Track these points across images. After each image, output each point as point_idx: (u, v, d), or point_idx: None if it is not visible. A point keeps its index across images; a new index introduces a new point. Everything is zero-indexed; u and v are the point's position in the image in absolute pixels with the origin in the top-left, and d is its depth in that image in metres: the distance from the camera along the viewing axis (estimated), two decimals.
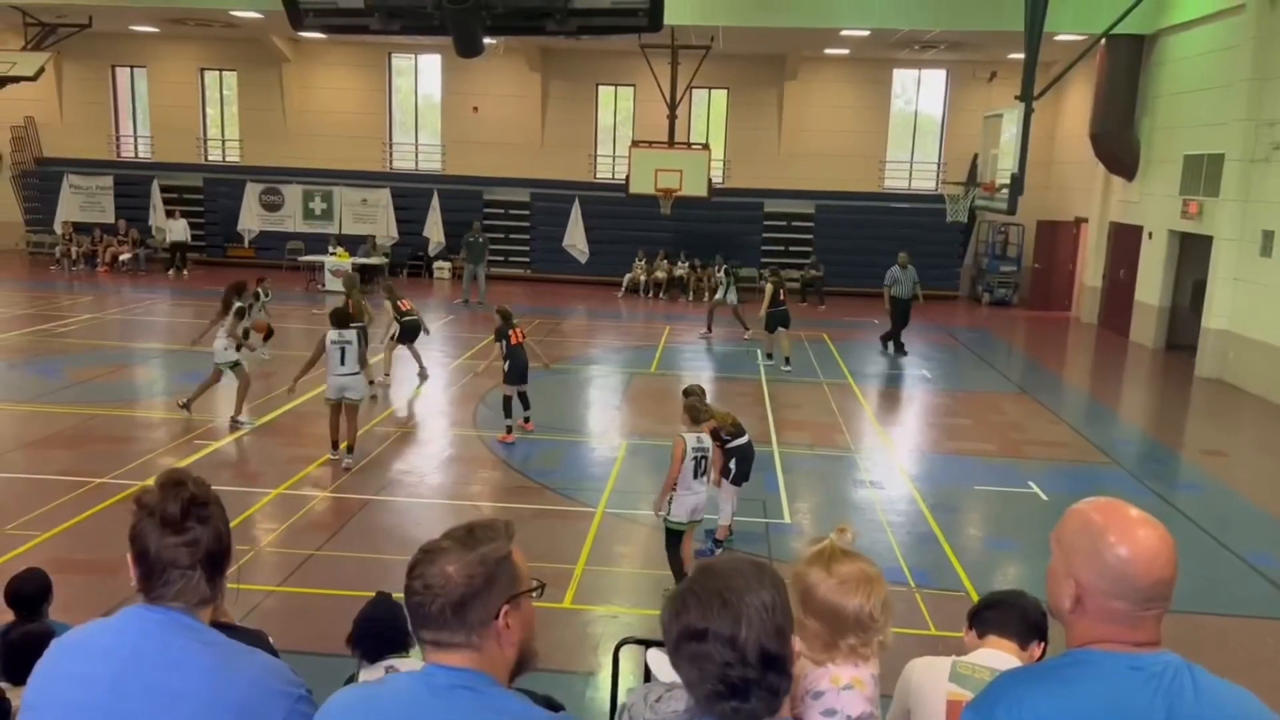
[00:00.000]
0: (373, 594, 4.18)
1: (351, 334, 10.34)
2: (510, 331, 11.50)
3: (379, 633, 3.84)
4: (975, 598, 6.19)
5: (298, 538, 8.48)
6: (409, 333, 14.21)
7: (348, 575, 7.77)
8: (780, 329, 16.15)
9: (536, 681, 3.93)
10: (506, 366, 11.50)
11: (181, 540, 1.99)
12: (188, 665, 1.91)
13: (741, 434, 8.61)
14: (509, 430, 11.42)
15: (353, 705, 1.89)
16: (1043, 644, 2.78)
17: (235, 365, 12.01)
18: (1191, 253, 18.22)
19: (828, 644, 2.16)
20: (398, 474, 10.36)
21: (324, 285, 23.14)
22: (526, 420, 11.86)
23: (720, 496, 8.59)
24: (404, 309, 14.23)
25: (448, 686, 1.80)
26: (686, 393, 8.50)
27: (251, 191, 26.05)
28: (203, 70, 27.17)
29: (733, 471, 8.50)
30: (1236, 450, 12.77)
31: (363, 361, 10.60)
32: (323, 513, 9.13)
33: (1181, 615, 1.82)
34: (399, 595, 1.96)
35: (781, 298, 16.24)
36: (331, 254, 23.59)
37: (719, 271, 21.66)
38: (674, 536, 7.55)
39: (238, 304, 12.19)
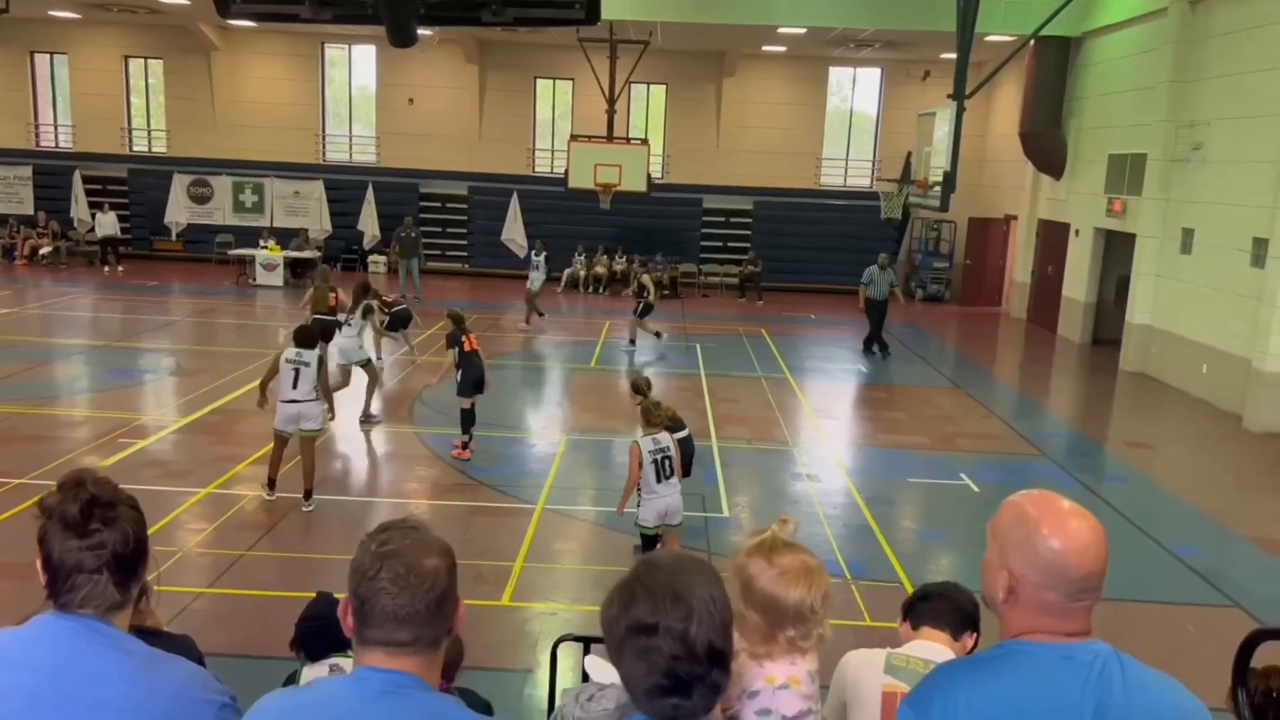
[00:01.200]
0: (309, 594, 4.08)
1: (311, 355, 8.86)
2: (465, 337, 10.69)
3: (323, 632, 3.76)
4: (909, 589, 6.29)
5: (228, 538, 8.29)
6: (401, 321, 14.57)
7: (280, 576, 7.61)
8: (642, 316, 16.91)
9: (474, 680, 3.89)
10: (460, 376, 10.63)
11: (85, 544, 1.88)
12: (105, 675, 1.83)
13: (681, 428, 8.62)
14: (465, 446, 10.59)
15: (279, 713, 1.83)
16: (975, 634, 2.82)
17: (366, 363, 12.04)
18: (1116, 250, 18.73)
19: (766, 636, 2.15)
20: (333, 472, 10.18)
21: (255, 279, 22.65)
22: (466, 444, 10.69)
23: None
24: (392, 302, 14.62)
25: (381, 692, 1.75)
26: (634, 386, 8.55)
27: (179, 183, 25.37)
28: (127, 58, 26.36)
29: None
30: (1159, 442, 13.17)
31: (323, 390, 8.99)
32: (254, 512, 8.93)
33: (1108, 603, 1.86)
34: (340, 594, 1.90)
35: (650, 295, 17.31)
36: (263, 247, 23.10)
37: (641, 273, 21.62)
38: (648, 542, 7.47)
39: (366, 302, 12.38)
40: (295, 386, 8.80)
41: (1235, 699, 3.27)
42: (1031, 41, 17.98)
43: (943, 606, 2.80)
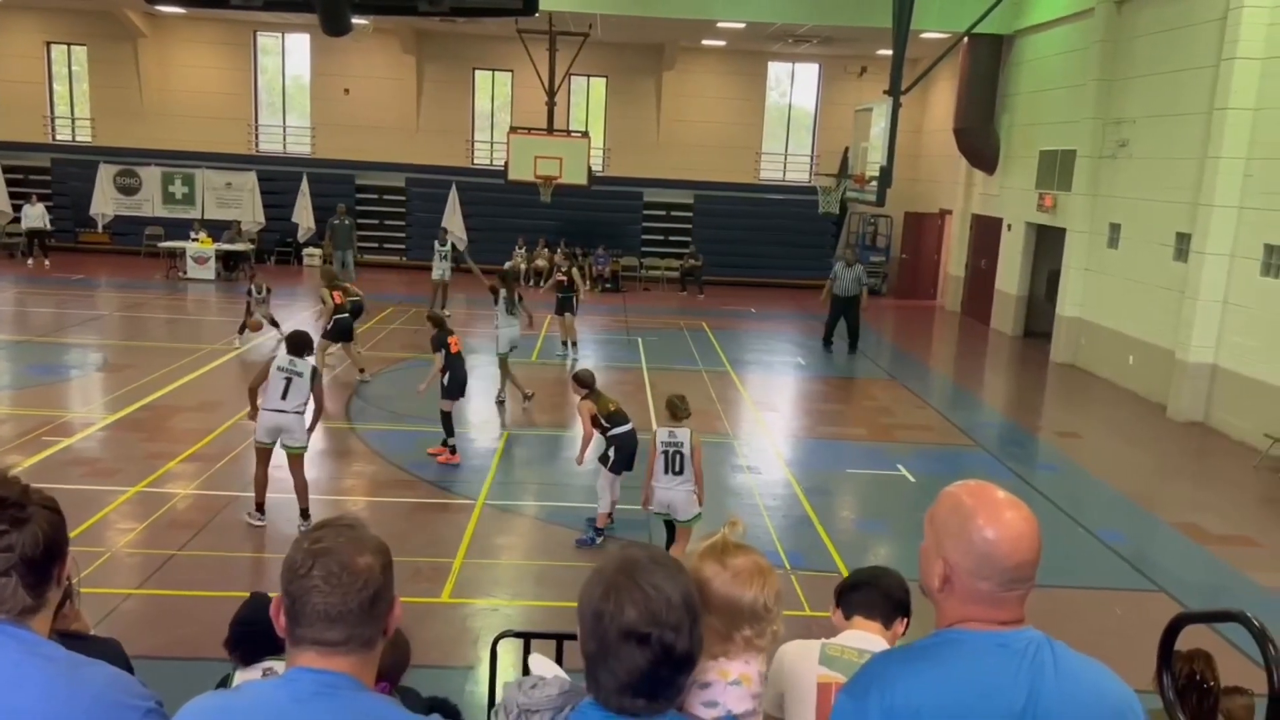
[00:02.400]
0: (243, 594, 4.00)
1: (305, 365, 8.27)
2: (450, 339, 10.44)
3: (257, 635, 3.68)
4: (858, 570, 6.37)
5: (158, 537, 8.08)
6: (343, 331, 13.46)
7: (214, 575, 7.45)
8: (567, 314, 16.00)
9: (414, 678, 3.84)
10: (446, 380, 10.35)
11: None
12: (19, 682, 1.76)
13: (624, 422, 8.62)
14: (452, 450, 10.33)
15: (207, 716, 1.78)
16: (905, 620, 2.87)
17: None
18: (1047, 244, 19.17)
19: (723, 637, 2.18)
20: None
21: (186, 273, 22.11)
22: (444, 444, 10.43)
23: (600, 484, 8.60)
24: (338, 301, 13.59)
25: (312, 693, 1.72)
26: (577, 379, 8.59)
27: (105, 174, 24.63)
28: (49, 44, 25.50)
29: (611, 459, 8.51)
30: (1088, 432, 13.52)
31: (318, 402, 8.45)
32: (185, 510, 8.72)
33: (1040, 589, 1.91)
34: (275, 594, 1.86)
35: (574, 284, 16.15)
36: (194, 240, 22.54)
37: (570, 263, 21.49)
38: (668, 529, 7.77)
39: (504, 294, 12.63)
40: (285, 397, 8.20)
41: (1160, 681, 3.37)
42: (965, 39, 18.30)
43: (874, 595, 2.85)
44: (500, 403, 12.97)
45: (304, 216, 24.52)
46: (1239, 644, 6.18)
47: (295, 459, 8.35)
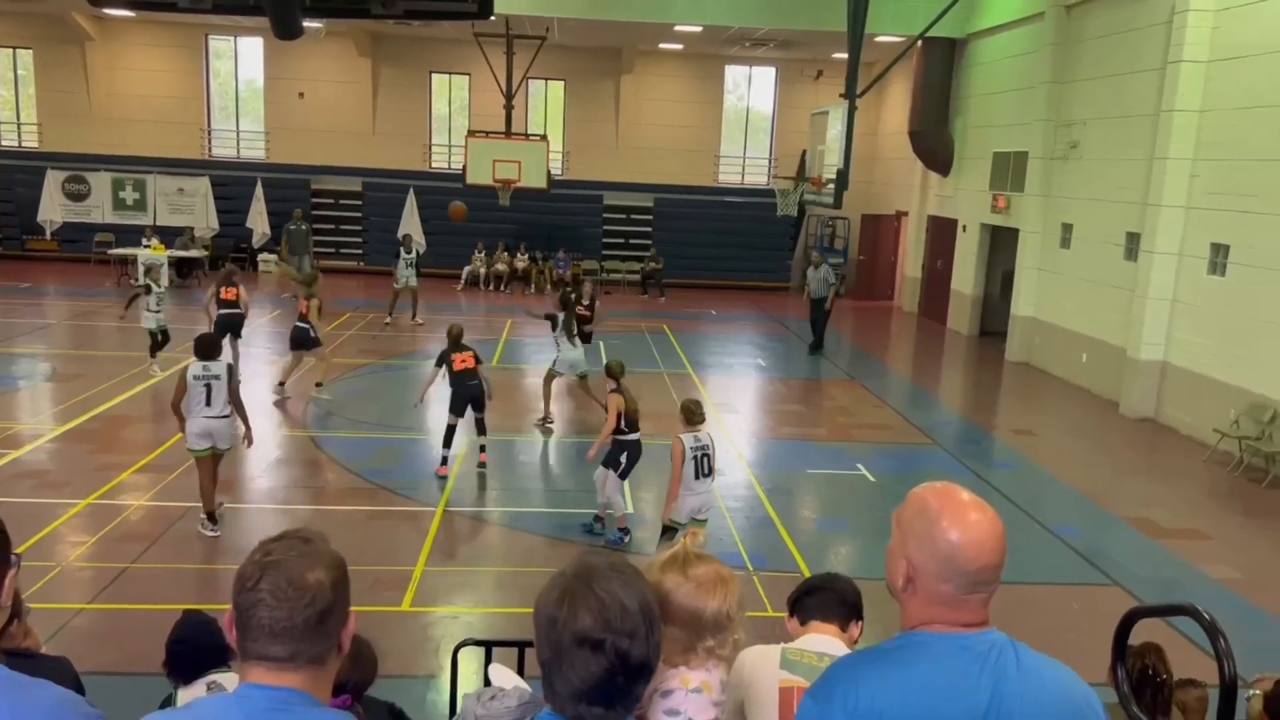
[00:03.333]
0: (201, 606, 3.93)
1: (220, 367, 8.26)
2: (455, 356, 10.24)
3: (189, 654, 3.62)
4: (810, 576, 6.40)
5: (111, 550, 7.92)
6: (302, 340, 12.83)
7: (167, 588, 7.31)
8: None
9: (374, 687, 3.79)
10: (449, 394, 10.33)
11: None
12: None
13: (637, 429, 8.73)
14: (443, 460, 10.24)
15: None
16: (860, 622, 2.89)
17: (583, 376, 12.38)
18: (1001, 245, 19.44)
19: (686, 647, 2.17)
20: (221, 479, 9.79)
21: (137, 279, 21.69)
22: (483, 449, 10.50)
23: (609, 488, 8.62)
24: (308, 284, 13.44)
25: (265, 709, 1.68)
26: (608, 370, 9.09)
27: (53, 180, 24.10)
28: None
29: (622, 465, 8.59)
30: (1043, 429, 13.71)
31: (235, 405, 8.33)
32: (139, 522, 8.56)
33: (1000, 587, 1.93)
34: (225, 606, 1.81)
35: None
36: (145, 246, 22.13)
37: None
38: (668, 533, 7.51)
39: (563, 318, 12.38)
40: (209, 403, 8.14)
41: (1115, 675, 3.41)
42: (919, 42, 18.52)
43: (829, 599, 2.86)
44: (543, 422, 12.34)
45: (259, 222, 24.20)
46: (1192, 637, 6.30)
47: (213, 461, 8.38)
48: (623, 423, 8.59)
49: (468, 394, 10.27)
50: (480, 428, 10.49)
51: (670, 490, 7.41)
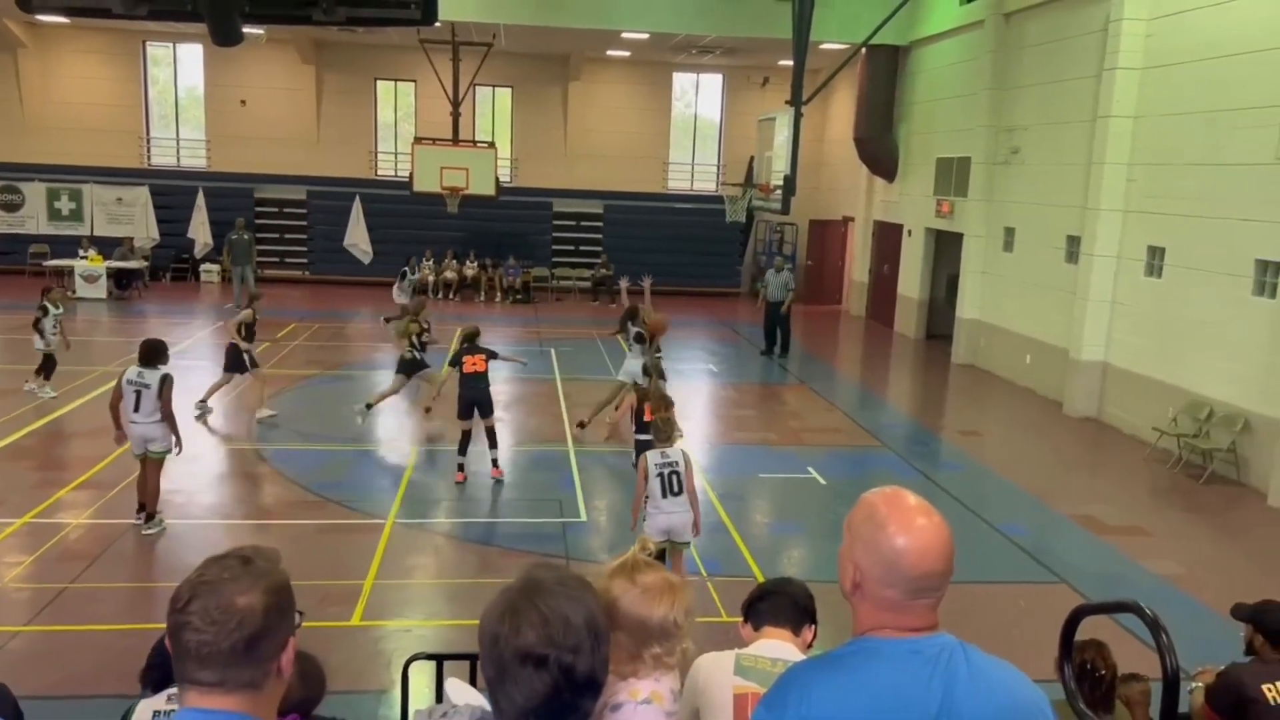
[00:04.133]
0: (142, 626, 3.83)
1: (153, 376, 8.34)
2: (465, 358, 10.11)
3: (168, 663, 3.50)
4: (762, 581, 6.42)
5: (49, 570, 7.70)
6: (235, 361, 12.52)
7: (110, 608, 7.12)
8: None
9: (324, 703, 3.72)
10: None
11: None
12: None
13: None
14: (459, 468, 10.18)
15: None
16: (813, 626, 2.90)
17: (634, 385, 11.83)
18: (946, 249, 19.74)
19: (633, 655, 2.16)
20: (164, 494, 9.57)
21: (74, 291, 21.19)
22: (495, 463, 10.36)
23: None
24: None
25: None
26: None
27: None
28: None
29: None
30: (989, 430, 13.93)
31: (165, 415, 8.40)
32: (78, 541, 8.33)
33: (950, 586, 1.96)
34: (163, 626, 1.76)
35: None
36: (83, 258, 21.63)
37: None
38: (657, 556, 7.33)
39: (634, 329, 12.01)
40: (137, 409, 8.35)
41: (1062, 671, 3.46)
42: (863, 50, 18.75)
43: (781, 604, 2.87)
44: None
45: (201, 232, 23.75)
46: (1137, 632, 6.42)
47: (152, 464, 8.51)
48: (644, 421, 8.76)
49: (473, 397, 10.12)
50: (490, 438, 10.30)
51: (633, 505, 7.31)
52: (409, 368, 12.42)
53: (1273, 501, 10.61)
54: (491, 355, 10.36)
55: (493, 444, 10.34)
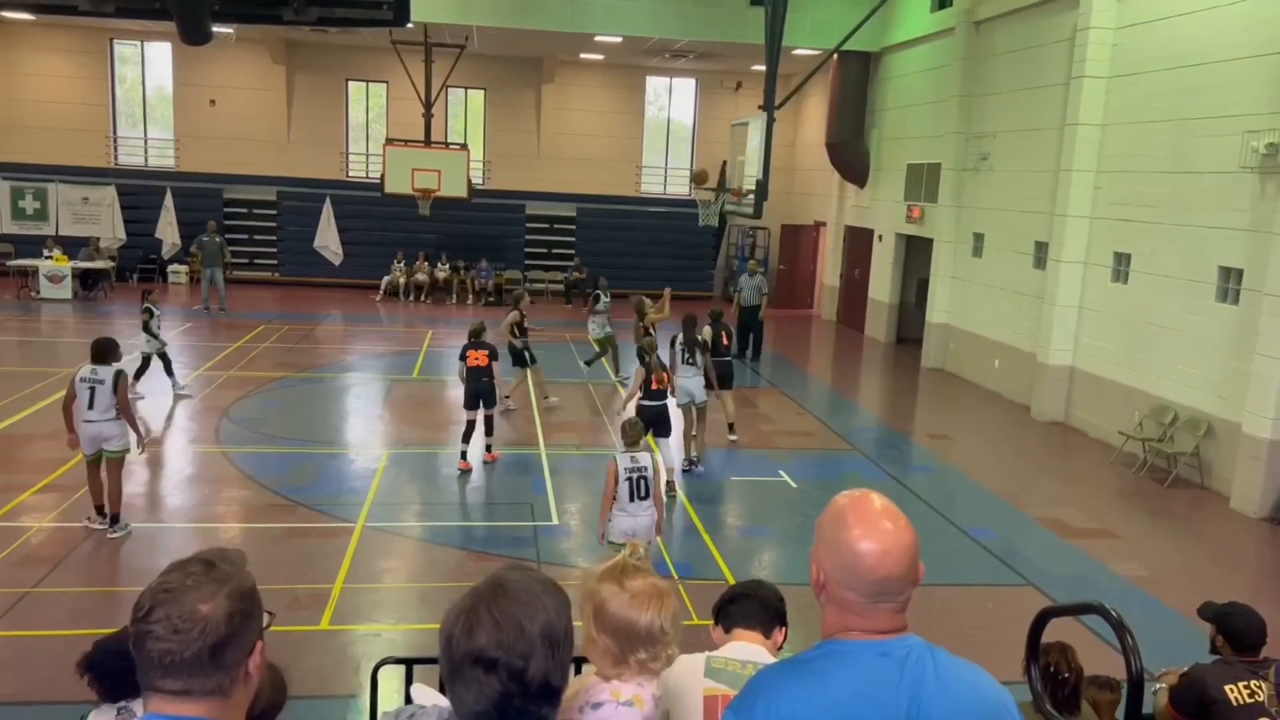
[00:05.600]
0: (107, 631, 3.75)
1: (107, 373, 8.32)
2: (469, 352, 10.86)
3: (113, 672, 3.45)
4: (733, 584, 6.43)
5: (10, 574, 7.57)
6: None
7: (72, 613, 7.02)
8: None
9: (292, 709, 3.69)
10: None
11: None
12: None
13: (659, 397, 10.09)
14: (462, 455, 10.75)
15: None
16: (784, 628, 2.91)
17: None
18: (916, 254, 19.89)
19: (618, 659, 2.16)
20: (129, 497, 9.44)
21: (39, 292, 20.88)
22: (488, 449, 11.12)
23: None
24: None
25: None
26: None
27: None
28: None
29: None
30: (959, 433, 14.05)
31: (123, 412, 8.42)
32: (40, 544, 8.20)
33: (918, 588, 1.97)
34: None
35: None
36: (47, 258, 21.30)
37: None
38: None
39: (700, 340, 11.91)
40: (91, 406, 8.32)
41: (1029, 673, 3.49)
42: (835, 56, 18.86)
43: (752, 606, 2.88)
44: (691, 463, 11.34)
45: (168, 232, 23.48)
46: (1102, 634, 6.49)
47: (113, 464, 8.47)
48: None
49: (478, 389, 10.82)
50: (488, 426, 11.08)
51: (602, 507, 7.35)
52: (518, 356, 13.52)
53: (1235, 505, 10.77)
54: (493, 354, 11.07)
55: (489, 431, 11.10)
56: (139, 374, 13.01)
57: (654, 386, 10.20)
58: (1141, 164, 12.85)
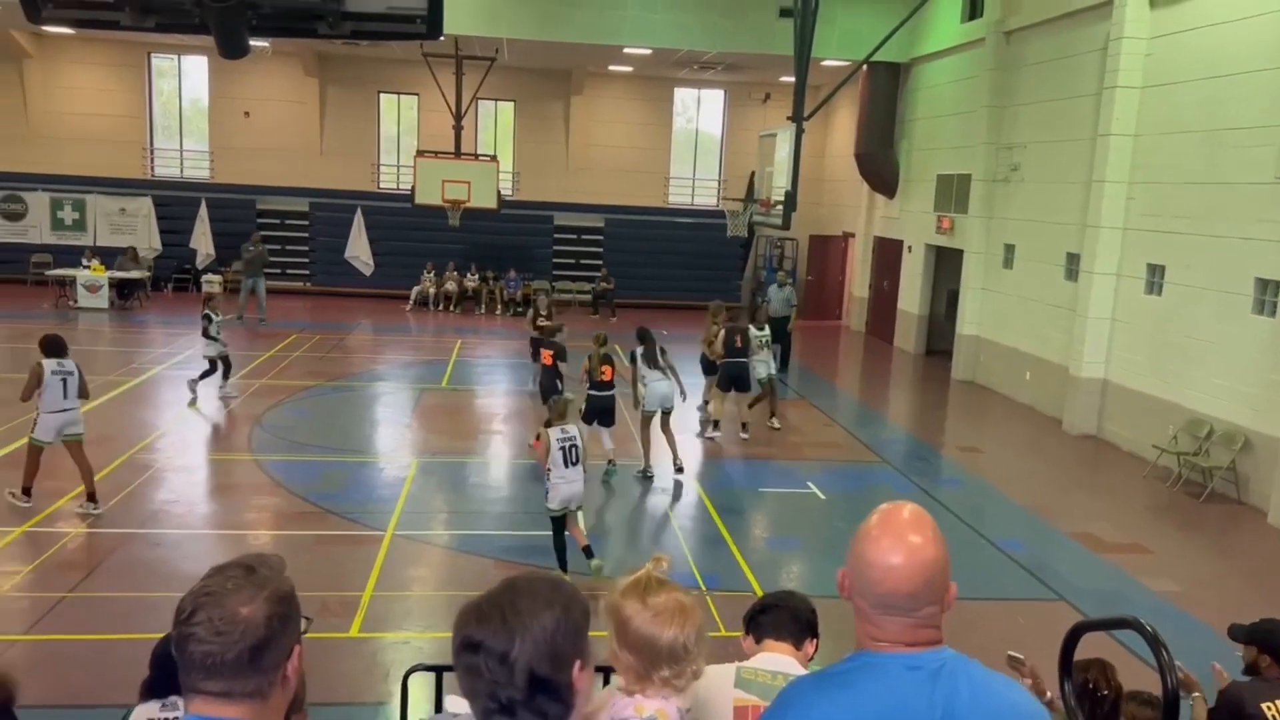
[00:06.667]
0: (140, 636, 3.81)
1: (72, 364, 9.10)
2: (543, 351, 12.13)
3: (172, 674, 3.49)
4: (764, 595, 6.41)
5: (47, 579, 7.69)
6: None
7: (107, 617, 7.11)
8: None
9: (322, 715, 3.72)
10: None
11: None
12: None
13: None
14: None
15: None
16: (815, 640, 2.89)
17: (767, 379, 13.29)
18: (946, 265, 19.77)
19: (641, 675, 2.15)
20: (163, 505, 9.60)
21: (76, 301, 21.23)
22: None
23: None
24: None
25: None
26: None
27: None
28: None
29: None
30: (989, 446, 13.93)
31: (83, 392, 9.19)
32: (76, 550, 8.33)
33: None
34: (158, 636, 1.77)
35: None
36: (85, 267, 21.68)
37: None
38: (556, 524, 8.12)
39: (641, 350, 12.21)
40: (66, 396, 8.98)
41: (1062, 689, 3.46)
42: (864, 66, 18.83)
43: (783, 617, 2.86)
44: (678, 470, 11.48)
45: (203, 242, 23.80)
46: (1135, 649, 6.41)
47: (78, 446, 9.04)
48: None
49: (547, 385, 11.66)
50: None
51: (541, 464, 8.18)
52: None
53: (1273, 520, 10.60)
54: (560, 354, 12.17)
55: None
56: (204, 376, 13.57)
57: (606, 378, 10.97)
58: (1175, 175, 12.72)
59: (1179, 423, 12.20)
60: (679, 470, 11.39)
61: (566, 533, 8.15)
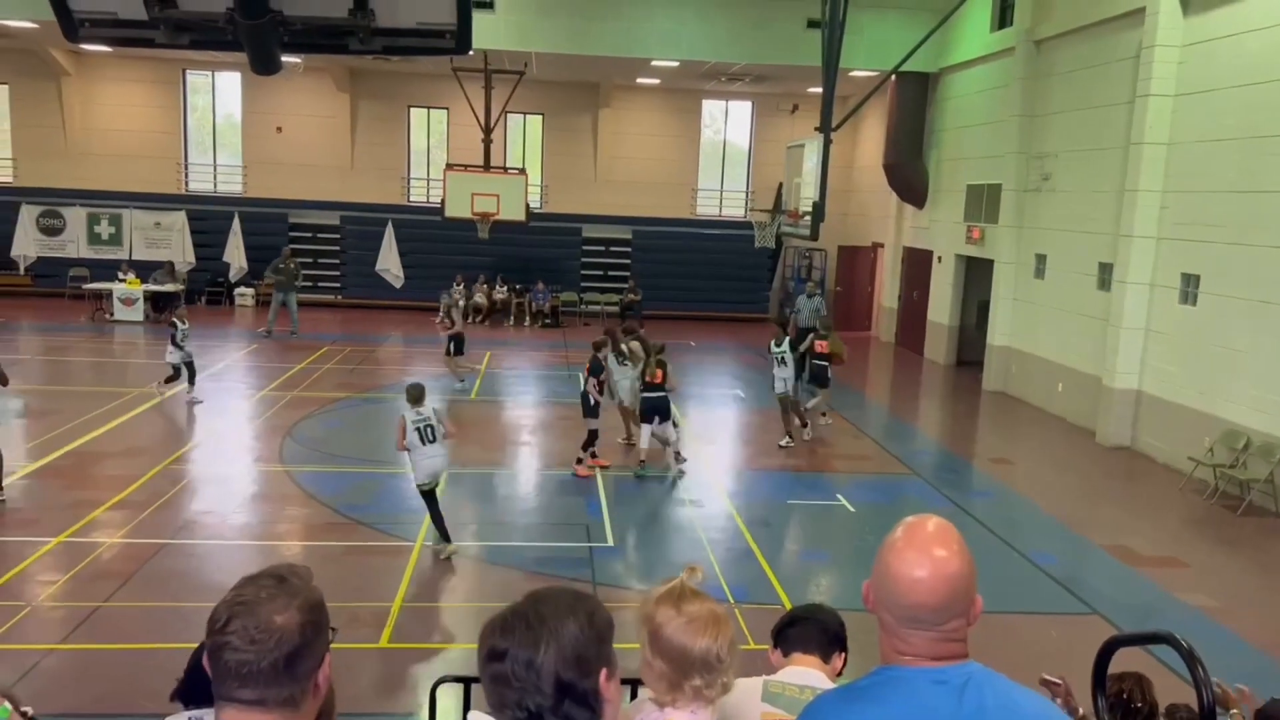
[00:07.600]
0: (174, 645, 3.85)
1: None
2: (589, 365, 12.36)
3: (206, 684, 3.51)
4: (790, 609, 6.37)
5: (83, 589, 7.80)
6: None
7: (142, 627, 7.19)
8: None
9: None
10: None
11: None
12: None
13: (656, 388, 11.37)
14: (578, 460, 11.68)
15: None
16: (843, 654, 2.87)
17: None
18: (976, 275, 19.62)
19: (673, 684, 2.15)
20: (196, 515, 9.71)
21: (113, 314, 21.57)
22: (593, 456, 11.82)
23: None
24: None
25: None
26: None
27: (27, 214, 23.93)
28: None
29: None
30: (1020, 457, 13.78)
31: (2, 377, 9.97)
32: (111, 560, 8.44)
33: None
34: (191, 645, 1.80)
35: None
36: (121, 281, 22.02)
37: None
38: (426, 497, 8.86)
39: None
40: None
41: (1096, 703, 3.41)
42: (893, 77, 18.76)
43: (811, 630, 2.84)
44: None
45: (236, 256, 24.10)
46: (1170, 664, 6.31)
47: None
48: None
49: (587, 397, 12.05)
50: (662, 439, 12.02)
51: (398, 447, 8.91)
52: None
53: None
54: (595, 368, 12.30)
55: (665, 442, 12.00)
56: (169, 380, 14.20)
57: (652, 381, 11.65)
58: (1209, 183, 12.56)
59: (1215, 434, 12.02)
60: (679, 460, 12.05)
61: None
